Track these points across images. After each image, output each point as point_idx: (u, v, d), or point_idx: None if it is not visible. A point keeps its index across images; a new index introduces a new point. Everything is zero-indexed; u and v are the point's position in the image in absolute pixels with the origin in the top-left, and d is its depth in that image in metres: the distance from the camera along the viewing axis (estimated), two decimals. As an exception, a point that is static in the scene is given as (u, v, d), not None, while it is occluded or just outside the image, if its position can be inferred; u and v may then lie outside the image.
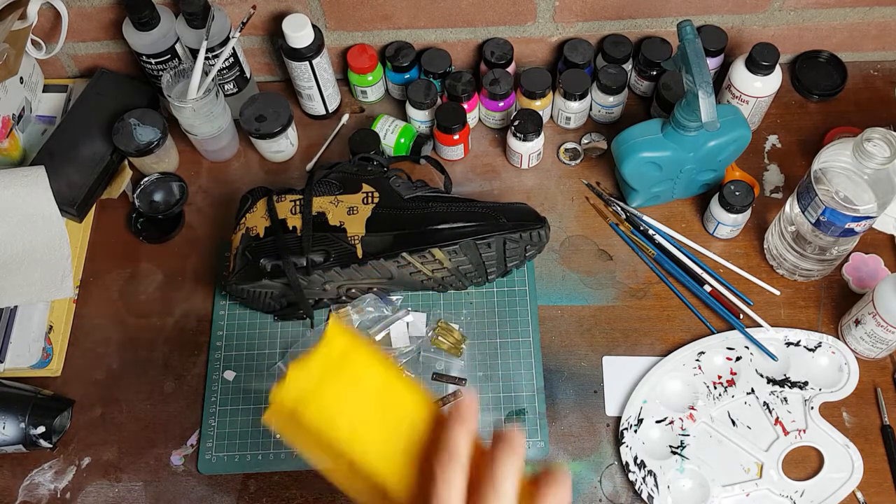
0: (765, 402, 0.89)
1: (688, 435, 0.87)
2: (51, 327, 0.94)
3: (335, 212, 0.90)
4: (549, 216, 0.99)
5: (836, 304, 0.94)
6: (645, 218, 1.00)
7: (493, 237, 0.88)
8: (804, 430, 0.87)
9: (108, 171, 1.02)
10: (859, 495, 0.85)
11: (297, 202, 0.91)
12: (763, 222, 0.99)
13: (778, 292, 0.95)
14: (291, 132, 1.04)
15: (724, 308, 0.93)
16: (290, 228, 0.89)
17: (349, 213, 0.90)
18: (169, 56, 1.00)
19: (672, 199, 1.01)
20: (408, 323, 0.93)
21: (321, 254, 0.88)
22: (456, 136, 1.02)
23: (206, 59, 0.96)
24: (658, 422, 0.88)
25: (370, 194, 0.91)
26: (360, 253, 0.88)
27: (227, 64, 1.01)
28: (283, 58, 1.01)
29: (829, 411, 0.89)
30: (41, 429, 0.85)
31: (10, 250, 0.95)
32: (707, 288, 0.94)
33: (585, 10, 1.03)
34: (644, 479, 0.85)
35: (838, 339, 0.92)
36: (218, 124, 1.01)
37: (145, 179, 1.01)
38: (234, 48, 0.99)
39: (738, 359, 0.91)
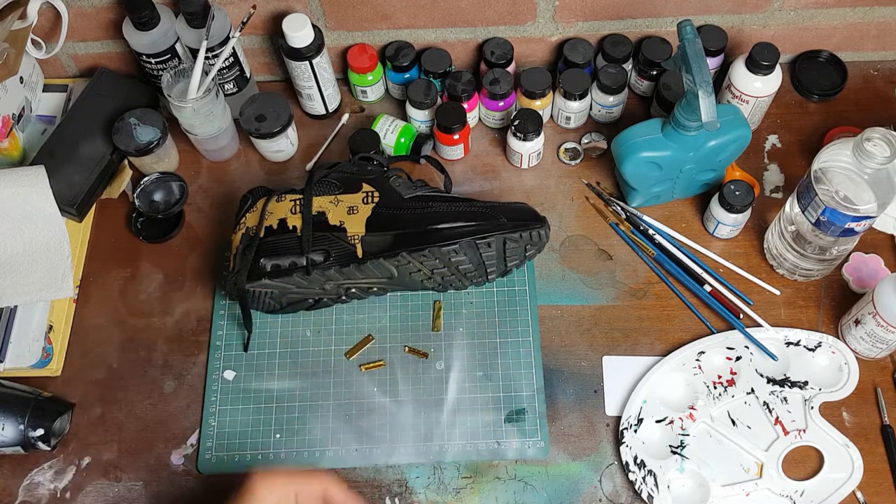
0: (765, 402, 0.89)
1: (688, 435, 0.87)
2: (51, 327, 0.94)
3: (335, 211, 0.90)
4: (549, 216, 0.99)
5: (836, 304, 0.94)
6: (645, 218, 1.00)
7: (493, 237, 0.88)
8: (804, 430, 0.87)
9: (108, 171, 1.02)
10: (859, 495, 0.85)
11: (297, 202, 0.91)
12: (763, 222, 0.99)
13: (778, 292, 0.95)
14: (291, 132, 1.04)
15: (724, 308, 0.93)
16: (290, 228, 0.89)
17: (349, 212, 0.90)
18: (169, 56, 1.00)
19: (672, 199, 1.01)
20: None
21: (321, 253, 0.88)
22: (456, 136, 1.02)
23: (206, 58, 0.96)
24: (658, 422, 0.88)
25: (370, 194, 0.91)
26: (360, 252, 0.88)
27: (227, 64, 1.01)
28: (283, 58, 1.01)
29: (829, 411, 0.88)
30: (40, 431, 0.85)
31: (10, 250, 0.95)
32: (707, 288, 0.94)
33: (585, 9, 1.02)
34: (644, 478, 0.85)
35: (838, 338, 0.92)
36: (218, 124, 1.01)
37: (145, 179, 1.01)
38: (234, 48, 0.99)
39: (738, 358, 0.91)
